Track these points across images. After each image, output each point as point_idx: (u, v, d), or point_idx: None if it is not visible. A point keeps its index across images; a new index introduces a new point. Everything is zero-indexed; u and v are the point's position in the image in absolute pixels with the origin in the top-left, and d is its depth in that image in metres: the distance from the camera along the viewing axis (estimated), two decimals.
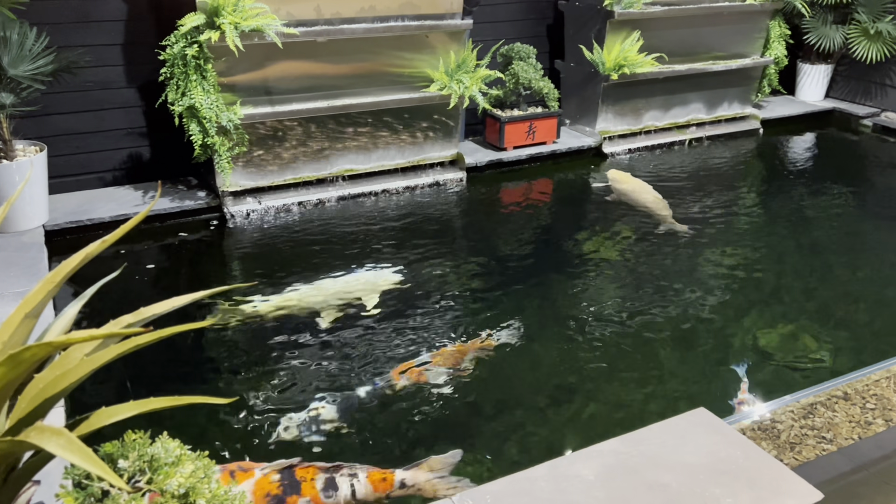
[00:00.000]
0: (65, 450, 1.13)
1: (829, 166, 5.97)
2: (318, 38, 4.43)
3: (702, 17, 5.88)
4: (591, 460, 1.85)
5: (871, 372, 3.22)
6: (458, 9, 4.84)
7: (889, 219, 4.95)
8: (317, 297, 3.67)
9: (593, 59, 5.56)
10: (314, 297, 3.67)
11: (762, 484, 1.71)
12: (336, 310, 3.58)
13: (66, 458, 1.14)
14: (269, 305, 3.58)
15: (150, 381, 3.06)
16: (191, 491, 1.30)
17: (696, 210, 4.85)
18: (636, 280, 3.95)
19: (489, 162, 5.36)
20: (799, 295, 3.87)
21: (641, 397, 3.03)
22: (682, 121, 6.22)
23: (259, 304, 3.59)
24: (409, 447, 2.67)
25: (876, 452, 2.90)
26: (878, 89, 6.81)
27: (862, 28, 6.52)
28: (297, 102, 4.56)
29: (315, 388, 3.00)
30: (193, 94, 4.10)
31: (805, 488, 1.69)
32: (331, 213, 4.67)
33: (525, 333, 3.42)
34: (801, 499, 1.66)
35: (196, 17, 4.01)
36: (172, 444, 1.33)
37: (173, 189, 4.66)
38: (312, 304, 3.62)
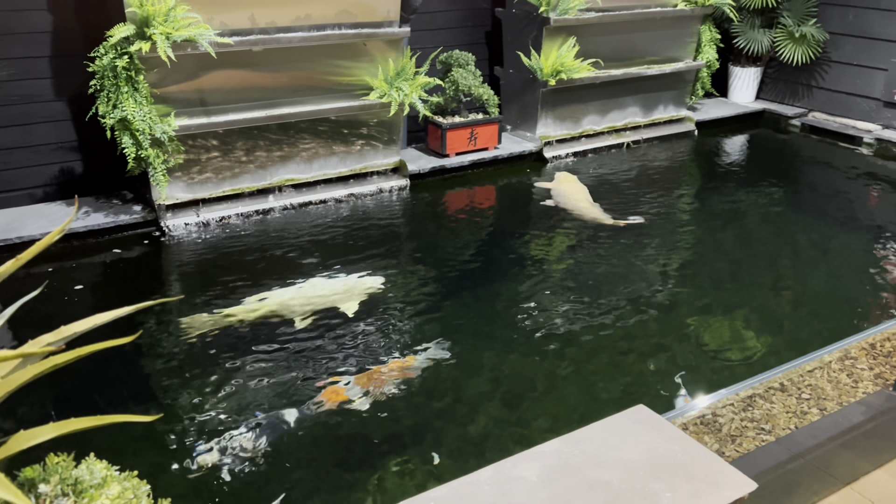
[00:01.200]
0: None
1: (760, 165, 6.16)
2: (254, 47, 4.37)
3: (635, 23, 6.01)
4: (534, 461, 1.85)
5: (805, 362, 3.32)
6: (395, 17, 4.84)
7: (818, 214, 5.13)
8: (293, 305, 3.63)
9: (531, 66, 5.63)
10: (290, 304, 3.64)
11: (699, 477, 1.75)
12: (310, 316, 3.55)
13: None
14: (244, 311, 3.54)
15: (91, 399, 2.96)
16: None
17: (635, 210, 4.94)
18: (577, 282, 4.00)
19: (432, 169, 5.37)
20: (735, 290, 3.97)
21: (586, 398, 3.06)
22: (619, 124, 6.34)
23: (229, 311, 3.55)
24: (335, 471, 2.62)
25: (811, 441, 2.99)
26: (804, 90, 7.07)
27: (787, 32, 6.76)
28: (234, 112, 4.49)
29: (248, 406, 2.93)
30: (125, 107, 4.00)
31: (740, 479, 1.73)
32: (272, 224, 4.60)
33: (464, 341, 3.42)
34: (737, 489, 1.70)
35: (125, 28, 3.92)
36: (99, 465, 1.28)
37: (108, 204, 4.53)
38: (287, 311, 3.58)
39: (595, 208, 4.84)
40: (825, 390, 3.38)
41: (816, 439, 3.01)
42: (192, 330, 3.45)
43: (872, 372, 3.48)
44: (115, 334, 1.50)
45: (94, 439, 2.65)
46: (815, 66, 6.88)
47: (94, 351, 1.23)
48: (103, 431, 2.63)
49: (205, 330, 3.44)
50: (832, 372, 3.51)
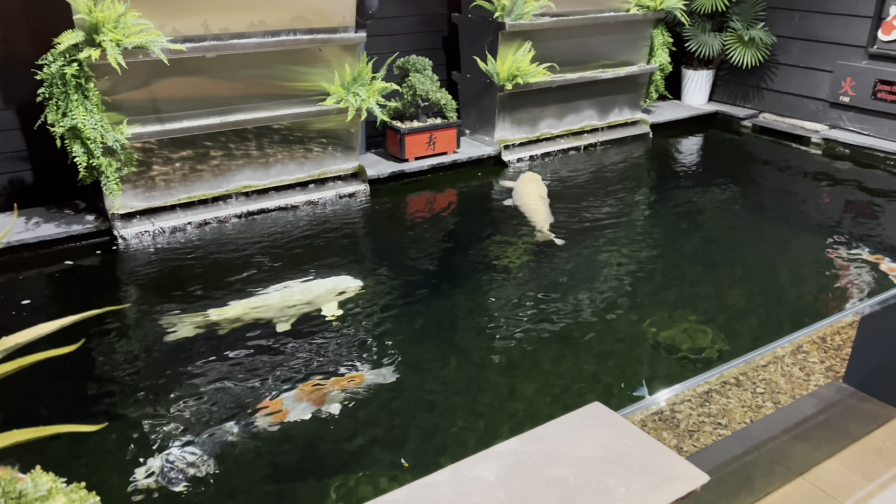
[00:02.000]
0: None
1: (713, 165, 6.29)
2: (207, 53, 4.33)
3: (589, 27, 6.10)
4: (492, 461, 1.86)
5: (758, 355, 3.39)
6: (350, 22, 4.84)
7: (768, 213, 5.25)
8: (273, 307, 3.61)
9: (488, 70, 5.67)
10: (268, 307, 3.61)
11: (653, 471, 1.77)
12: (291, 319, 3.54)
13: None
14: (229, 315, 3.51)
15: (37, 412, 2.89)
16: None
17: (591, 212, 5.00)
18: (535, 284, 4.03)
19: (391, 173, 5.37)
20: (691, 287, 4.04)
21: (547, 398, 3.09)
22: (576, 127, 6.41)
23: (213, 314, 3.53)
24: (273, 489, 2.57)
25: (765, 434, 3.06)
26: (755, 92, 7.24)
27: (737, 35, 6.92)
28: (188, 120, 4.43)
29: (197, 418, 2.87)
30: (75, 115, 3.92)
31: (693, 472, 1.76)
32: (229, 232, 4.55)
33: (421, 350, 3.43)
34: (689, 482, 1.73)
35: (74, 35, 3.85)
36: (45, 477, 1.26)
37: (59, 214, 4.44)
38: (266, 314, 3.56)
39: (541, 211, 4.85)
40: (779, 384, 3.46)
41: (770, 432, 3.08)
42: (150, 338, 3.39)
43: (823, 365, 3.58)
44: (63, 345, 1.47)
45: (45, 451, 2.60)
46: (765, 68, 7.05)
47: (36, 361, 1.21)
48: (53, 444, 2.58)
49: (175, 336, 3.39)
50: (785, 366, 3.60)
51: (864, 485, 2.74)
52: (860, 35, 6.37)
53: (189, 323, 3.50)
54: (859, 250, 4.50)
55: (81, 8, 3.83)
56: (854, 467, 2.81)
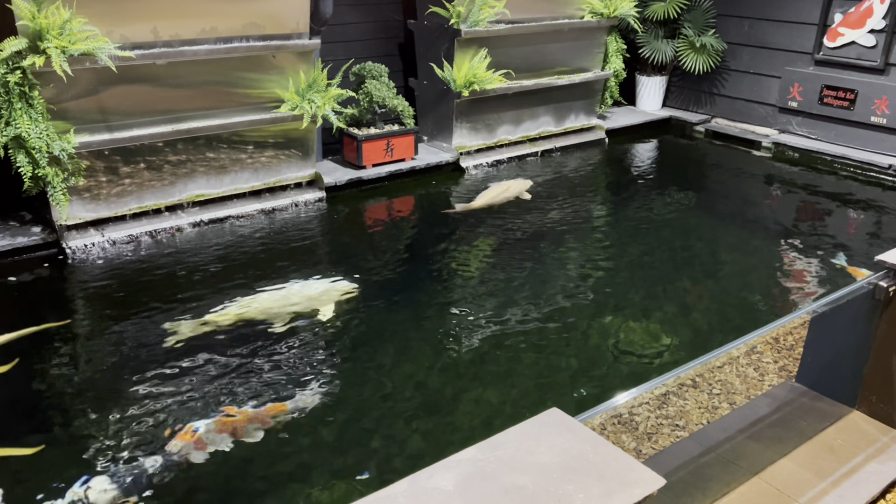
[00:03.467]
0: None
1: (668, 170, 6.39)
2: (157, 60, 4.24)
3: (544, 34, 6.15)
4: (450, 470, 1.84)
5: (714, 357, 3.43)
6: (304, 28, 4.79)
7: (722, 216, 5.35)
8: (268, 309, 3.62)
9: (444, 77, 5.67)
10: (265, 308, 3.62)
11: (610, 476, 1.77)
12: (286, 321, 3.52)
13: None
14: (230, 315, 3.52)
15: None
16: None
17: (549, 217, 5.03)
18: (492, 289, 4.03)
19: (349, 181, 5.33)
20: (646, 291, 4.08)
21: (503, 406, 3.08)
22: (533, 133, 6.45)
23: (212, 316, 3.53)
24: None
25: (722, 434, 3.10)
26: (707, 98, 7.38)
27: (689, 42, 7.05)
28: (137, 128, 4.33)
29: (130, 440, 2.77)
30: (19, 124, 3.80)
31: (649, 476, 1.76)
32: (181, 242, 4.46)
33: (375, 359, 3.40)
34: (646, 486, 1.73)
35: (17, 42, 3.73)
36: None
37: (3, 225, 4.30)
38: (262, 315, 3.55)
39: (486, 196, 5.13)
40: (734, 385, 3.51)
41: (726, 433, 3.12)
42: (96, 353, 3.29)
43: (777, 365, 3.65)
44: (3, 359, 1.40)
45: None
46: (716, 74, 7.19)
47: None
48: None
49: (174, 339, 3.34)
50: (740, 367, 3.66)
51: (817, 482, 2.79)
52: (807, 42, 6.55)
53: (185, 327, 3.46)
54: (809, 252, 4.60)
55: (24, 14, 3.72)
56: (807, 465, 2.87)
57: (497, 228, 4.83)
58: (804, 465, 2.87)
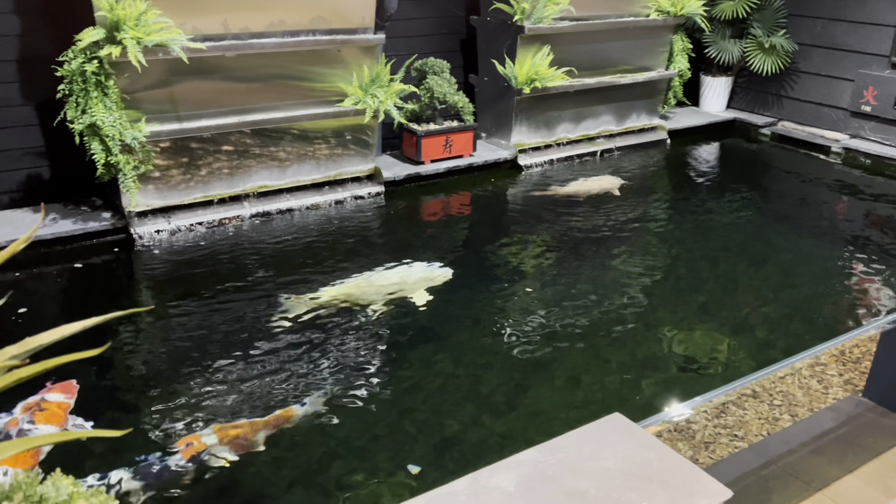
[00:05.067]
0: None
1: (732, 174, 6.24)
2: (227, 52, 4.33)
3: (609, 32, 6.06)
4: (511, 471, 1.84)
5: (777, 369, 3.35)
6: (369, 23, 4.83)
7: (788, 222, 5.20)
8: (367, 292, 3.75)
9: (506, 74, 5.65)
10: (365, 292, 3.77)
11: (676, 485, 1.75)
12: (384, 304, 3.66)
13: None
14: (327, 297, 3.68)
15: None
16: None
17: (609, 218, 4.97)
18: (552, 289, 4.01)
19: (407, 176, 5.36)
20: (708, 298, 4.01)
21: (561, 407, 3.06)
22: (593, 132, 6.38)
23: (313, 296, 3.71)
24: None
25: (783, 447, 3.02)
26: (774, 100, 7.18)
27: (757, 42, 6.86)
28: (206, 118, 4.44)
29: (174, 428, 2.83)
30: (94, 112, 3.93)
31: (716, 487, 1.73)
32: (244, 231, 4.55)
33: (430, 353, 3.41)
34: (713, 497, 1.70)
35: (95, 32, 3.85)
36: (66, 481, 1.24)
37: (76, 210, 4.45)
38: (362, 298, 3.69)
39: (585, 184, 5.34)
40: (796, 396, 3.42)
41: (788, 445, 3.04)
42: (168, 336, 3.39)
43: (842, 378, 3.54)
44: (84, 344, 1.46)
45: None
46: (785, 76, 6.99)
47: (61, 364, 1.20)
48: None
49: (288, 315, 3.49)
50: (803, 378, 3.56)
51: (884, 501, 2.69)
52: (883, 44, 6.31)
53: (297, 303, 3.63)
54: (880, 263, 4.44)
55: (103, 5, 3.83)
56: (874, 483, 2.77)
57: (560, 226, 4.79)
58: (871, 483, 2.78)
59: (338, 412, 2.92)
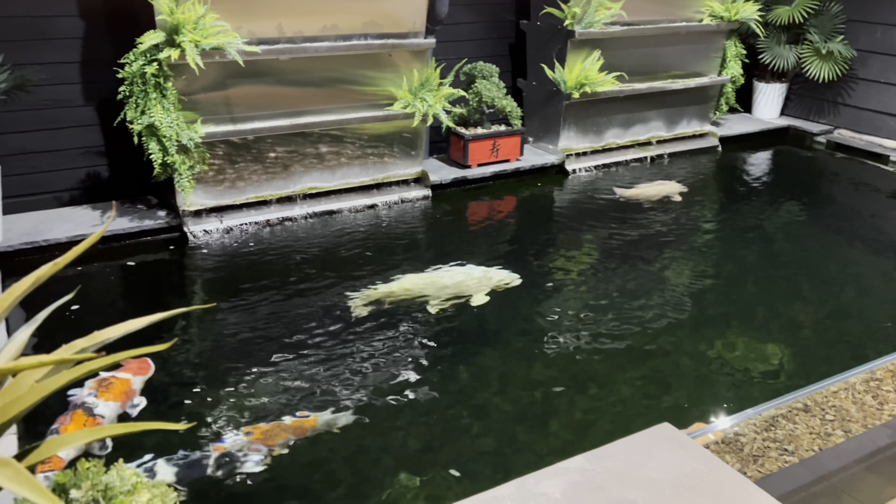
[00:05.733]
0: (11, 482, 1.09)
1: (785, 182, 6.11)
2: (281, 56, 4.41)
3: (660, 37, 6.00)
4: (557, 478, 1.84)
5: (830, 384, 3.28)
6: (420, 28, 4.86)
7: (844, 233, 5.07)
8: (426, 289, 3.86)
9: (555, 78, 5.63)
10: (423, 288, 3.87)
11: (726, 498, 1.72)
12: (442, 302, 3.74)
13: (12, 490, 1.09)
14: (383, 292, 3.82)
15: None
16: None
17: (656, 225, 4.92)
18: (598, 295, 3.98)
19: (454, 179, 5.38)
20: (758, 309, 3.93)
21: (606, 415, 3.04)
22: (642, 138, 6.31)
23: (372, 290, 3.84)
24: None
25: (836, 464, 2.95)
26: (830, 107, 7.00)
27: (814, 48, 6.71)
28: (259, 121, 4.52)
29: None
30: (153, 113, 4.04)
31: (767, 501, 1.70)
32: (294, 232, 4.63)
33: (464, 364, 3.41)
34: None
35: (156, 35, 3.96)
36: (128, 471, 1.29)
37: (132, 208, 4.58)
38: (420, 294, 3.81)
39: (650, 188, 5.42)
40: (850, 412, 3.33)
41: (841, 462, 2.96)
42: (221, 334, 3.46)
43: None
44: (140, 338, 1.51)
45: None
46: (842, 82, 6.82)
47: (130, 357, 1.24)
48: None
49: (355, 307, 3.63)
50: (857, 393, 3.46)
51: None
52: None
53: (364, 296, 3.76)
54: None
55: (164, 9, 3.94)
56: None
57: (598, 234, 4.76)
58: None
59: (383, 411, 2.95)
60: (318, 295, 3.86)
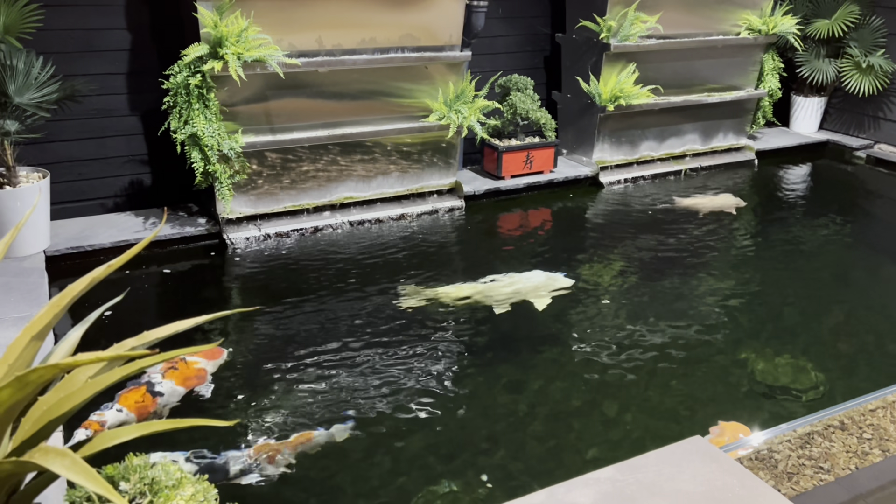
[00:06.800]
0: (70, 470, 1.15)
1: (824, 197, 6.03)
2: (320, 68, 4.50)
3: (697, 50, 5.98)
4: (588, 488, 1.85)
5: (868, 401, 3.23)
6: (457, 41, 4.92)
7: (883, 249, 4.99)
8: (491, 293, 3.97)
9: (590, 91, 5.65)
10: (489, 293, 3.98)
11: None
12: (507, 306, 3.85)
13: (71, 479, 1.15)
14: (453, 296, 3.94)
15: None
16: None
17: (691, 239, 4.89)
18: (630, 309, 3.97)
19: (487, 190, 5.42)
20: (795, 325, 3.89)
21: (637, 428, 3.04)
22: (677, 151, 6.29)
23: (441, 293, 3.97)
24: None
25: (873, 483, 2.90)
26: (871, 122, 6.90)
27: (854, 62, 6.63)
28: (298, 131, 4.61)
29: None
30: (196, 123, 4.15)
31: None
32: (330, 240, 4.70)
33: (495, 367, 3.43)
34: None
35: (200, 48, 4.08)
36: (173, 467, 1.34)
37: (174, 215, 4.70)
38: (487, 300, 3.92)
39: (714, 200, 5.52)
40: (888, 431, 3.28)
41: (878, 481, 2.91)
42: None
43: None
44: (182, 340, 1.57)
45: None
46: (883, 97, 6.72)
47: (178, 355, 1.30)
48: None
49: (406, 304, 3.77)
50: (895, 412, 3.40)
51: None
52: None
53: (415, 294, 3.89)
54: None
55: (208, 23, 4.06)
56: None
57: (631, 246, 4.75)
58: None
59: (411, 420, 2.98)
60: (352, 302, 3.92)
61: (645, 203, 5.54)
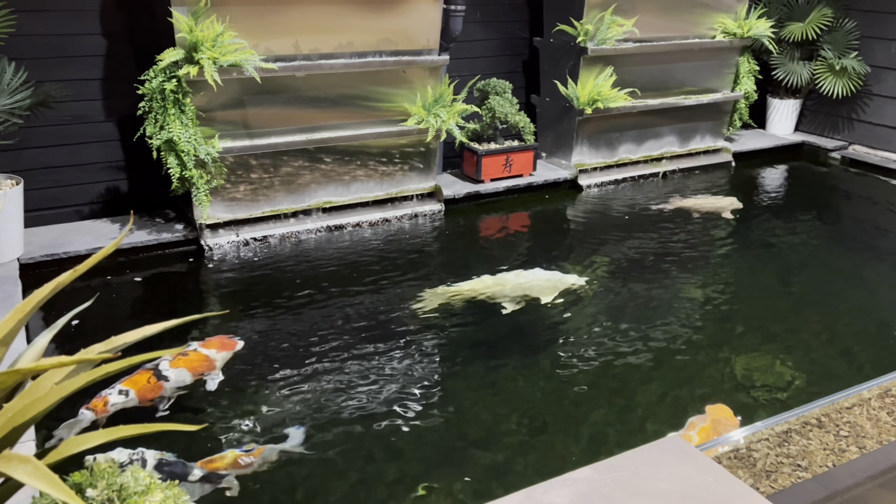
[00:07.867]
0: (32, 478, 1.13)
1: (799, 198, 6.10)
2: (297, 73, 4.48)
3: (673, 54, 6.03)
4: (565, 488, 1.85)
5: (843, 397, 3.26)
6: (434, 45, 4.93)
7: (858, 249, 5.05)
8: (499, 289, 4.06)
9: (568, 94, 5.67)
10: (497, 288, 4.07)
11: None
12: (515, 302, 3.93)
13: (33, 486, 1.13)
14: (465, 291, 4.01)
15: None
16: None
17: (669, 241, 4.92)
18: (610, 310, 3.99)
19: (467, 194, 5.42)
20: (772, 324, 3.92)
21: (616, 429, 3.04)
22: (655, 154, 6.33)
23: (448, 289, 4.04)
24: None
25: (849, 480, 2.93)
26: (845, 123, 6.99)
27: (828, 64, 6.72)
28: (275, 136, 4.59)
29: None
30: (172, 128, 4.12)
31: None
32: (309, 245, 4.68)
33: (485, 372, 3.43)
34: None
35: (175, 53, 4.05)
36: (142, 472, 1.32)
37: (151, 222, 4.66)
38: (496, 295, 3.99)
39: (716, 202, 5.57)
40: (864, 428, 3.31)
41: (855, 478, 2.94)
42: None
43: None
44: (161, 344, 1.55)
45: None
46: (857, 98, 6.81)
47: (146, 360, 1.28)
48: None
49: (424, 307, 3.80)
50: (872, 409, 3.44)
51: None
52: None
53: (433, 295, 3.92)
54: None
55: (183, 27, 4.03)
56: None
57: (614, 249, 4.77)
58: None
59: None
60: (327, 308, 3.90)
61: (624, 205, 5.57)
